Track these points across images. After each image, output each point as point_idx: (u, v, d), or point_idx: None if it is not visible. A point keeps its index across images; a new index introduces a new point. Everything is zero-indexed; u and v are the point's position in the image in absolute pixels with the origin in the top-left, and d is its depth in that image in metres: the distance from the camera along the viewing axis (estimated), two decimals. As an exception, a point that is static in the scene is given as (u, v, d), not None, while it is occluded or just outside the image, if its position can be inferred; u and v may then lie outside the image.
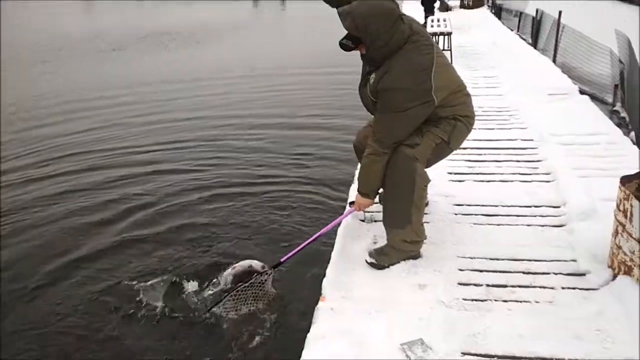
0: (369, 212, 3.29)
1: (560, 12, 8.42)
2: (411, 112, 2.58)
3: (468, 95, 2.83)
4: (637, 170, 2.78)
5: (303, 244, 3.08)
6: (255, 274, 3.07)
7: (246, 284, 3.02)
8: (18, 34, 20.35)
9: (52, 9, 32.12)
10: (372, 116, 2.88)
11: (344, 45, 2.61)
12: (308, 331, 2.39)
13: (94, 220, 4.64)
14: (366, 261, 2.85)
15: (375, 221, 3.27)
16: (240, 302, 3.04)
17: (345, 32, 2.58)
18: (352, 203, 3.08)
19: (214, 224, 4.45)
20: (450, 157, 3.04)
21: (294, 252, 3.06)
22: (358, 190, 2.89)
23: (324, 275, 2.77)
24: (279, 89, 9.69)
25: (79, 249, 4.16)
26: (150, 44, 16.26)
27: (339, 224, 3.21)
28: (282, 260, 3.08)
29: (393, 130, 2.65)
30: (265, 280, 3.10)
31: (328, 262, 2.89)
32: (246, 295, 3.04)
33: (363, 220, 3.33)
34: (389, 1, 2.55)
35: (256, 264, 3.18)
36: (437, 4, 14.51)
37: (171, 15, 25.90)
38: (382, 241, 2.93)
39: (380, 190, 2.86)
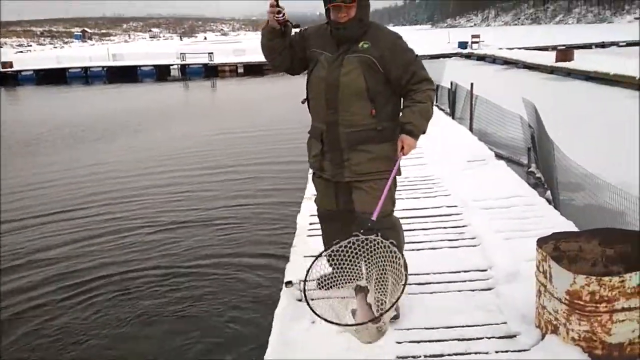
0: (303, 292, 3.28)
1: (472, 84, 9.09)
2: None
3: None
4: (552, 232, 2.98)
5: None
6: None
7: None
8: None
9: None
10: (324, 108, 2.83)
11: (343, 1, 2.65)
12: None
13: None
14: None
15: (313, 299, 3.25)
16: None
17: None
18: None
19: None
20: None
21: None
22: (419, 133, 2.80)
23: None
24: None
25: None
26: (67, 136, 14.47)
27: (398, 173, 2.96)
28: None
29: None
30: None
31: (266, 346, 2.84)
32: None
33: (300, 300, 3.31)
34: None
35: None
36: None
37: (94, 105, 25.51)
38: (320, 320, 2.92)
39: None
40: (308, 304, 2.49)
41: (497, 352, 2.66)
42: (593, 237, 2.90)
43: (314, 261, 2.67)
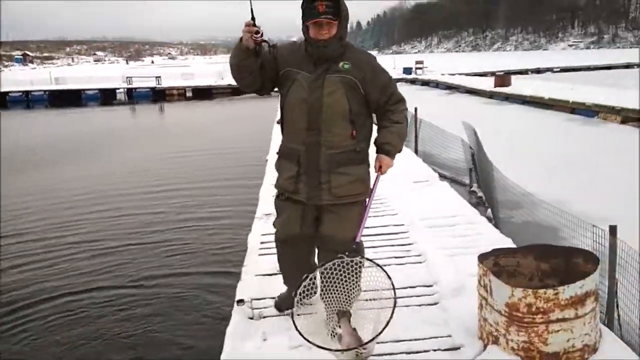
0: (257, 308, 3.32)
1: (416, 109, 9.40)
2: None
3: None
4: (492, 248, 3.14)
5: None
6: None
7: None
8: None
9: None
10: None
11: (326, 17, 2.59)
12: None
13: None
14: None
15: (264, 317, 3.29)
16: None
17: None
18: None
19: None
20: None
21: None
22: (396, 152, 2.90)
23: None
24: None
25: None
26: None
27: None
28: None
29: None
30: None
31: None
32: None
33: (252, 318, 3.34)
34: None
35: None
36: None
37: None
38: (272, 338, 2.97)
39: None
40: (297, 328, 2.46)
41: (443, 364, 2.77)
42: (529, 252, 3.08)
43: (302, 283, 2.63)
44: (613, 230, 3.19)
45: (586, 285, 2.54)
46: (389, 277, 2.55)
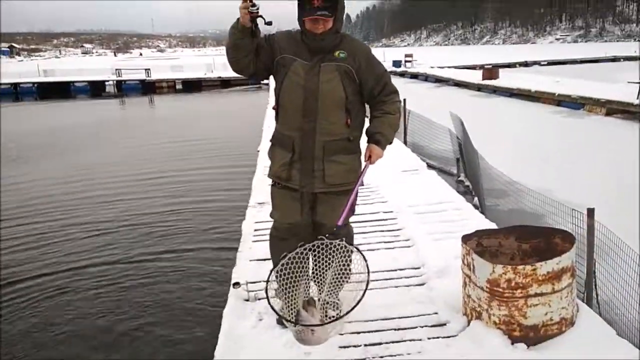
0: (252, 291, 3.46)
1: (405, 100, 9.54)
2: None
3: None
4: (476, 230, 3.31)
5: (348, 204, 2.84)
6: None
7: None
8: None
9: None
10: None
11: (322, 14, 2.60)
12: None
13: None
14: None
15: (259, 299, 3.44)
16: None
17: None
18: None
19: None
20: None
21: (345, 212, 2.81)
22: (387, 143, 2.89)
23: (211, 357, 2.86)
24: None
25: None
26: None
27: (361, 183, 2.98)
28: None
29: None
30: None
31: (215, 342, 2.99)
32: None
33: (247, 300, 3.48)
34: None
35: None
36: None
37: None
38: (267, 318, 3.11)
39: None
40: (269, 302, 2.48)
41: (429, 338, 2.94)
42: (511, 233, 3.25)
43: (278, 263, 2.65)
44: (591, 212, 3.36)
45: (562, 261, 2.71)
46: (365, 260, 2.60)
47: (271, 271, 2.64)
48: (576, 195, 6.37)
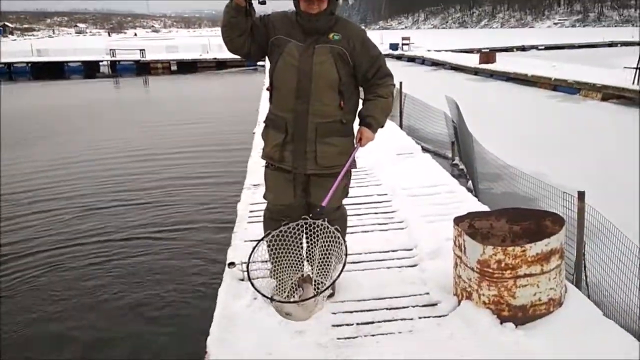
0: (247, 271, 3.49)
1: (401, 83, 9.54)
2: None
3: None
4: (468, 212, 3.36)
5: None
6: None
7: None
8: None
9: None
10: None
11: None
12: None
13: None
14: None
15: (254, 279, 3.47)
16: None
17: None
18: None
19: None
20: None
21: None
22: (378, 126, 2.90)
23: (207, 334, 2.92)
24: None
25: None
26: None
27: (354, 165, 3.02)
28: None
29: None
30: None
31: (211, 320, 3.04)
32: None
33: (242, 280, 3.53)
34: None
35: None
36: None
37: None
38: (261, 297, 3.15)
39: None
40: (250, 281, 2.60)
41: (420, 318, 3.00)
42: (502, 215, 3.30)
43: (259, 242, 2.72)
44: (581, 195, 3.41)
45: (551, 243, 2.76)
46: (344, 241, 2.67)
47: (253, 249, 2.71)
48: (570, 180, 6.42)
